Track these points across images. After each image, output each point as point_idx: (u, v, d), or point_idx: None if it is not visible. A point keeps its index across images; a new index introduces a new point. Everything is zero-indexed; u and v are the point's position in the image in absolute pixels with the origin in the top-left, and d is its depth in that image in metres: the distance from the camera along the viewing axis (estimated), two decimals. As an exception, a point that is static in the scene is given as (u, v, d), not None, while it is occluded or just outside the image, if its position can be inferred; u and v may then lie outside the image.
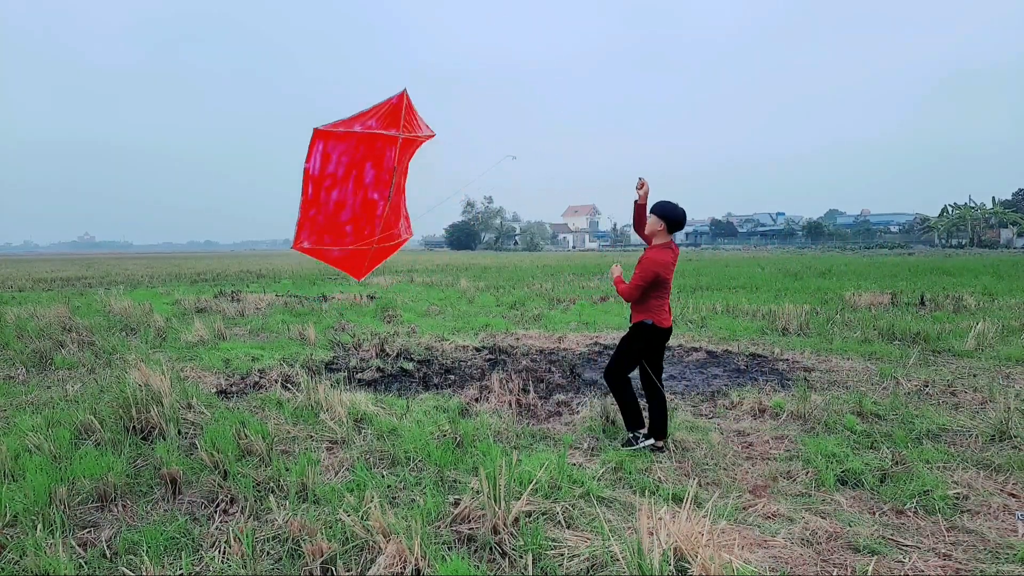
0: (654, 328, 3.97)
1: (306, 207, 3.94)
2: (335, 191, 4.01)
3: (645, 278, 3.87)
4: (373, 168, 4.09)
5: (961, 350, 7.21)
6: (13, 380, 6.20)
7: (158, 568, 2.64)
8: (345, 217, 4.19)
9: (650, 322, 3.96)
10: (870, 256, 40.45)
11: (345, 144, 3.87)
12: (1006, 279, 16.56)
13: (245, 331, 9.28)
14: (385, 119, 3.93)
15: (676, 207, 3.94)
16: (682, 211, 3.94)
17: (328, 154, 3.83)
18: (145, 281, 20.82)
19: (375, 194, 4.21)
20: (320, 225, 4.11)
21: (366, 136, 3.87)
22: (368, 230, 4.32)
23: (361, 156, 3.98)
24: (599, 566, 2.62)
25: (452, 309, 12.12)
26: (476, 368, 6.77)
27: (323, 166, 3.85)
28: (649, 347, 4.05)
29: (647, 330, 3.98)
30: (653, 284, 3.90)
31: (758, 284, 16.24)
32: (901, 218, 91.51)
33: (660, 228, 3.94)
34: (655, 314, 3.96)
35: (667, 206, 3.94)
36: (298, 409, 4.88)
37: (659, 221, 3.93)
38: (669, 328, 4.04)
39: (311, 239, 4.13)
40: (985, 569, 2.64)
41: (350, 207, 4.15)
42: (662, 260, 3.88)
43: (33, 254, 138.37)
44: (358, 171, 4.03)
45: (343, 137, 3.82)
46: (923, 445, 4.08)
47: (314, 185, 3.90)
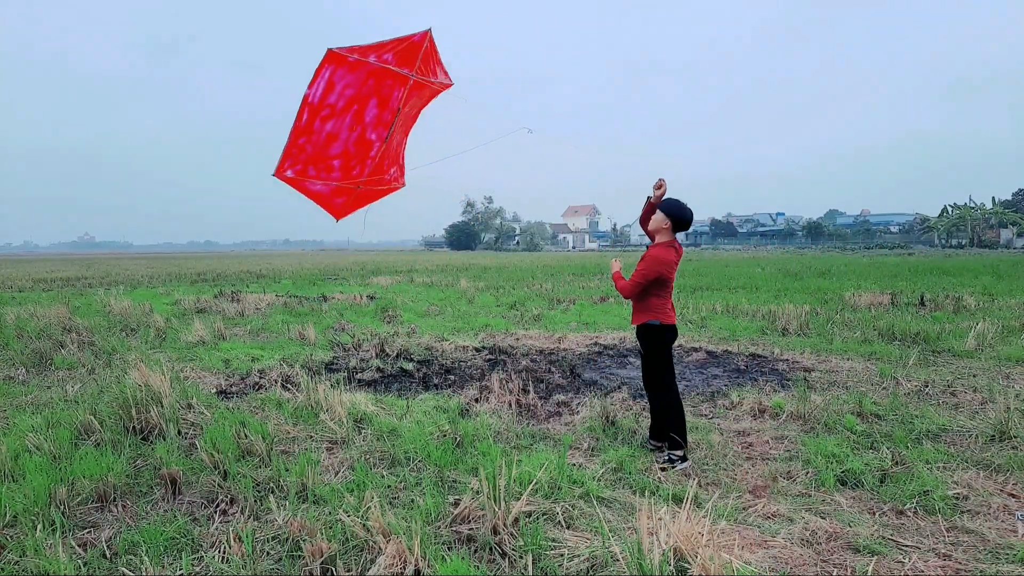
0: (662, 327, 3.89)
1: (296, 134, 3.68)
2: (330, 122, 3.77)
3: (647, 276, 3.82)
4: (377, 106, 3.87)
5: (961, 350, 7.20)
6: (13, 380, 6.20)
7: (158, 568, 2.64)
8: (335, 151, 3.95)
9: (656, 322, 3.89)
10: (870, 256, 40.45)
11: (354, 75, 3.63)
12: (1006, 279, 16.56)
13: (245, 331, 9.28)
14: (402, 56, 3.70)
15: (684, 207, 3.87)
16: (690, 212, 3.88)
17: (333, 83, 3.60)
18: (145, 281, 20.82)
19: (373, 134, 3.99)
20: (307, 155, 3.86)
21: (377, 70, 3.65)
22: (357, 169, 4.08)
23: (367, 91, 3.75)
24: (599, 566, 2.62)
25: (452, 309, 12.12)
26: (476, 368, 6.77)
27: (325, 95, 3.62)
28: (667, 345, 3.95)
29: (656, 330, 3.91)
30: (655, 283, 3.85)
31: (758, 284, 16.24)
32: (901, 218, 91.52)
33: (665, 226, 3.88)
34: (658, 313, 3.89)
35: (675, 205, 3.87)
36: (298, 409, 4.88)
37: (665, 219, 3.87)
38: (675, 326, 3.98)
39: (295, 168, 3.86)
40: (985, 569, 2.64)
41: (343, 141, 3.91)
42: (665, 258, 3.83)
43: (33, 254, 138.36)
44: (360, 106, 3.81)
45: (354, 67, 3.58)
46: (923, 445, 4.08)
47: (310, 113, 3.65)
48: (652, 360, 3.98)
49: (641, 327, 3.97)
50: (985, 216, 66.11)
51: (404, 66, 3.75)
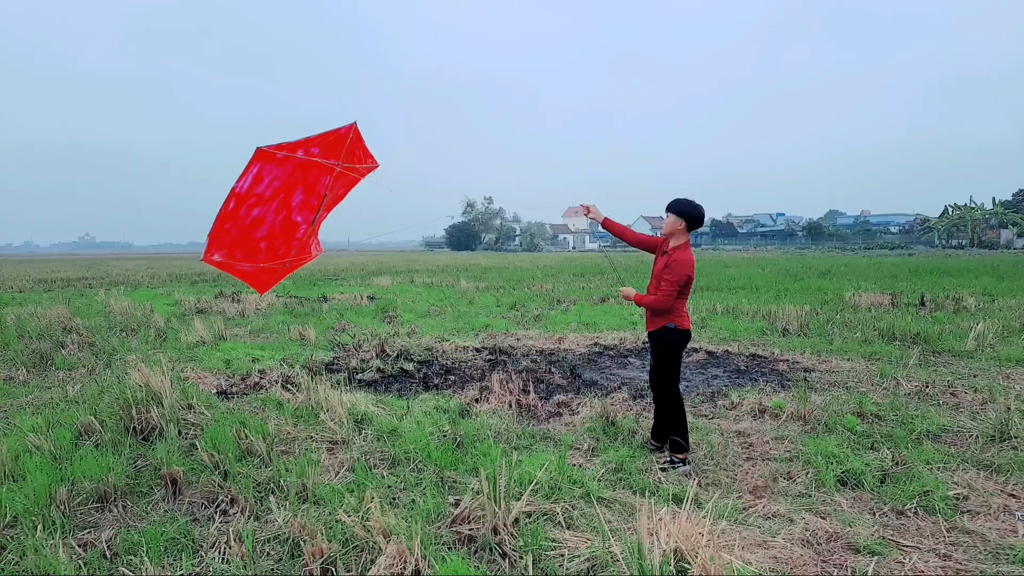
0: (678, 331, 3.80)
1: (221, 220, 3.75)
2: (256, 208, 3.85)
3: (679, 281, 3.69)
4: (303, 193, 3.97)
5: (961, 351, 7.20)
6: (13, 380, 6.20)
7: (158, 569, 2.64)
8: (261, 234, 4.03)
9: (672, 326, 3.79)
10: (870, 257, 40.45)
11: (282, 169, 3.74)
12: (1006, 279, 16.56)
13: (245, 332, 9.29)
14: (329, 148, 3.82)
15: (696, 205, 3.77)
16: (702, 209, 3.78)
17: (261, 176, 3.69)
18: (145, 282, 20.82)
19: (299, 216, 4.08)
20: (233, 239, 3.94)
21: (304, 163, 3.76)
22: (283, 250, 4.17)
23: (294, 181, 3.85)
24: (599, 566, 2.62)
25: (452, 310, 12.12)
26: (476, 369, 6.76)
27: (252, 186, 3.71)
28: (680, 350, 3.88)
29: (672, 334, 3.81)
30: (684, 287, 3.75)
31: (758, 285, 16.23)
32: (901, 219, 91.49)
33: (680, 227, 3.77)
34: (675, 317, 3.79)
35: (688, 204, 3.76)
36: (298, 410, 4.88)
37: (679, 220, 3.76)
38: (690, 331, 3.89)
39: (221, 252, 3.94)
40: (985, 570, 2.64)
41: (268, 224, 3.99)
42: (690, 260, 3.72)
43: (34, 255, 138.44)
44: (287, 194, 3.90)
45: (282, 162, 3.70)
46: (923, 446, 4.08)
47: (236, 202, 3.72)
48: (662, 364, 3.91)
49: (656, 332, 3.87)
50: (985, 216, 66.07)
51: (331, 157, 3.86)
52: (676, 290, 3.71)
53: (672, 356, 3.88)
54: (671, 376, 3.91)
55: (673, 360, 3.89)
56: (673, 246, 3.83)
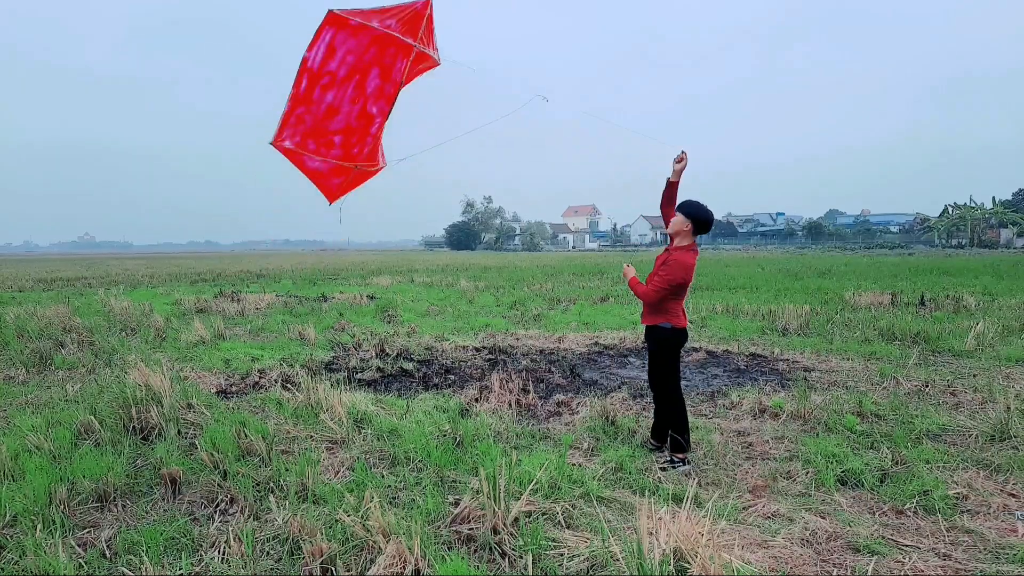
0: (674, 331, 3.81)
1: (294, 102, 3.43)
2: (331, 92, 3.51)
3: (672, 281, 3.70)
4: (380, 77, 3.57)
5: (961, 350, 7.20)
6: (13, 380, 6.20)
7: (158, 568, 2.64)
8: (336, 126, 3.67)
9: (668, 325, 3.79)
10: (870, 256, 40.45)
11: (356, 40, 3.39)
12: (1006, 279, 16.56)
13: (245, 331, 9.28)
14: (406, 23, 3.45)
15: (705, 208, 3.77)
16: (711, 213, 3.78)
17: (334, 48, 3.35)
18: (145, 281, 20.82)
19: (374, 107, 3.68)
20: (307, 127, 3.60)
21: (381, 36, 3.40)
22: (358, 147, 3.77)
23: (370, 59, 3.48)
24: (599, 566, 2.62)
25: (452, 309, 12.12)
26: (476, 368, 6.76)
27: (325, 60, 3.36)
28: (676, 349, 3.88)
29: (668, 334, 3.82)
30: (679, 287, 3.75)
31: (758, 284, 16.24)
32: (901, 218, 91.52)
33: (687, 228, 3.77)
34: (671, 316, 3.79)
35: (698, 207, 3.77)
36: (298, 409, 4.88)
37: (686, 221, 3.76)
38: (686, 329, 3.89)
39: (294, 139, 3.59)
40: (985, 569, 2.64)
41: (344, 115, 3.63)
42: (690, 263, 3.72)
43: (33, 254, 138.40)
44: (361, 76, 3.53)
45: (356, 30, 3.34)
46: (923, 445, 4.08)
47: (309, 80, 3.39)
48: (658, 363, 3.92)
49: (651, 328, 3.89)
50: (985, 216, 66.08)
51: (407, 35, 3.51)
52: (667, 289, 3.72)
53: (668, 355, 3.88)
54: (670, 375, 3.91)
55: (669, 359, 3.89)
56: (676, 245, 3.83)
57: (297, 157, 3.72)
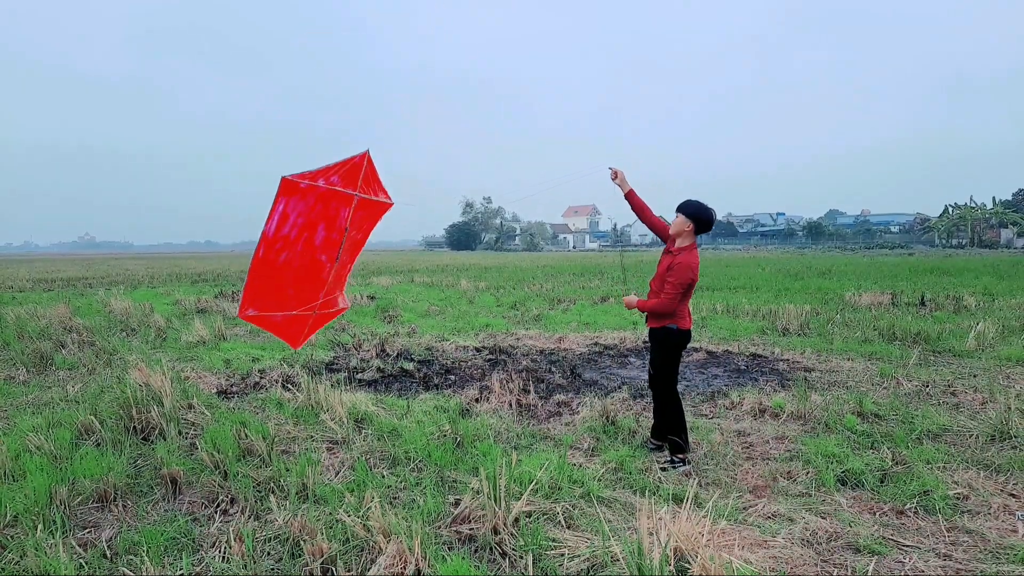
0: (679, 332, 3.79)
1: (254, 271, 3.77)
2: (284, 252, 3.86)
3: (683, 283, 3.67)
4: (325, 229, 3.97)
5: (961, 350, 7.20)
6: (13, 380, 6.20)
7: (158, 568, 2.64)
8: (290, 280, 4.03)
9: (674, 327, 3.77)
10: (870, 256, 40.45)
11: (304, 202, 3.75)
12: (1006, 279, 16.56)
13: (245, 331, 9.28)
14: (346, 176, 3.84)
15: (706, 207, 3.76)
16: (712, 212, 3.77)
17: (287, 215, 3.70)
18: (145, 281, 20.82)
19: (323, 256, 4.08)
20: (267, 290, 3.96)
21: (324, 193, 3.77)
22: (311, 294, 4.16)
23: (316, 215, 3.87)
24: (599, 566, 2.62)
25: (452, 309, 12.12)
26: (476, 368, 6.77)
27: (279, 227, 3.72)
28: (679, 350, 3.87)
29: (672, 335, 3.79)
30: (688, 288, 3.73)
31: (758, 284, 16.24)
32: (901, 218, 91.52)
33: (688, 229, 3.75)
34: (677, 318, 3.77)
35: (698, 206, 3.75)
36: (298, 409, 4.89)
37: (687, 221, 3.74)
38: (690, 331, 3.88)
39: (256, 305, 3.95)
40: (985, 569, 2.64)
41: (296, 270, 3.99)
42: (694, 263, 3.71)
43: (33, 254, 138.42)
44: (310, 233, 3.91)
45: (305, 193, 3.71)
46: (923, 445, 4.08)
47: (266, 247, 3.73)
48: (660, 363, 3.90)
49: (657, 330, 3.86)
50: (985, 216, 66.07)
51: (348, 186, 3.88)
52: (680, 293, 3.70)
53: (670, 356, 3.87)
54: (669, 376, 3.91)
55: (671, 360, 3.88)
56: (679, 247, 3.82)
57: (262, 320, 4.09)
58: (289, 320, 4.22)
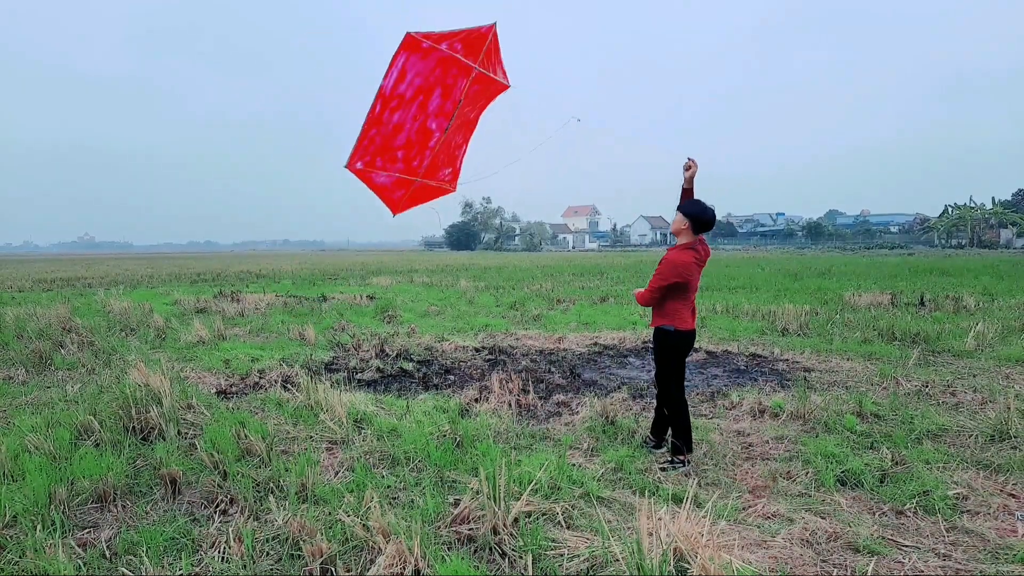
0: (677, 333, 3.78)
1: (369, 125, 3.70)
2: (398, 112, 3.80)
3: (663, 280, 3.70)
4: (440, 96, 3.88)
5: (961, 350, 7.21)
6: (13, 380, 6.20)
7: (158, 568, 2.64)
8: (400, 141, 3.97)
9: (671, 328, 3.77)
10: (870, 256, 40.45)
11: (424, 63, 3.66)
12: (1006, 279, 16.56)
13: (245, 331, 9.28)
14: (469, 46, 3.73)
15: (704, 206, 3.78)
16: (711, 211, 3.78)
17: (405, 72, 3.62)
18: (145, 281, 20.81)
19: (433, 123, 4.01)
20: (376, 146, 3.89)
21: (445, 58, 3.67)
22: (417, 160, 4.10)
23: (434, 80, 3.77)
24: (599, 566, 2.62)
25: (452, 309, 12.11)
26: (476, 368, 6.76)
27: (396, 84, 3.64)
28: (680, 352, 3.85)
29: (670, 336, 3.79)
30: (673, 287, 3.73)
31: (758, 284, 16.24)
32: (901, 218, 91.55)
33: (684, 227, 3.78)
34: (673, 318, 3.77)
35: (695, 206, 3.79)
36: (298, 409, 4.88)
37: (684, 220, 3.78)
38: (692, 331, 3.85)
39: (364, 159, 3.88)
40: (985, 569, 2.64)
41: (407, 131, 3.93)
42: (682, 261, 3.71)
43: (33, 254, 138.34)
44: (425, 96, 3.83)
45: (426, 53, 3.61)
46: (923, 445, 4.08)
47: (382, 103, 3.67)
48: (661, 365, 3.90)
49: (656, 330, 3.88)
50: (985, 216, 66.08)
51: (469, 56, 3.77)
52: (661, 287, 3.72)
53: (670, 357, 3.86)
54: (672, 378, 3.89)
55: (671, 361, 3.87)
56: (676, 244, 3.86)
57: (366, 176, 4.04)
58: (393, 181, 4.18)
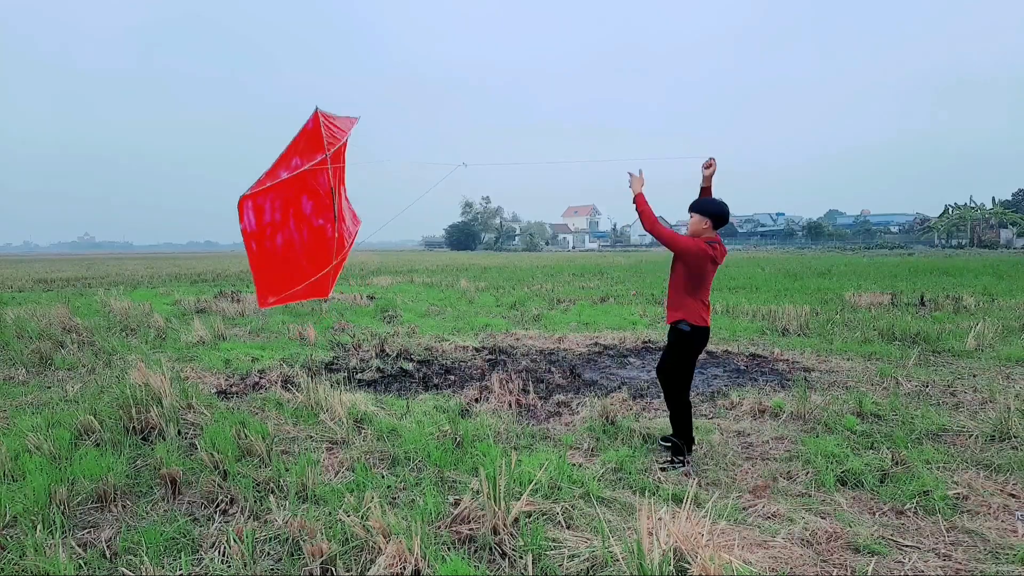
0: (694, 329, 3.75)
1: (256, 266, 3.72)
2: (278, 235, 3.79)
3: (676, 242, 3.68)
4: (310, 199, 3.89)
5: (961, 350, 7.21)
6: (13, 380, 6.20)
7: (158, 568, 2.64)
8: (299, 254, 3.97)
9: (687, 325, 3.75)
10: (870, 256, 40.45)
11: (275, 193, 3.67)
12: (1006, 279, 16.56)
13: (245, 331, 9.28)
14: (308, 149, 3.73)
15: (719, 202, 3.77)
16: (726, 206, 3.76)
17: (260, 207, 3.62)
18: (145, 281, 20.81)
19: (320, 220, 4.01)
20: (278, 274, 3.89)
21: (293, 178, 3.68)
22: (325, 255, 4.10)
23: (294, 193, 3.77)
24: (599, 566, 2.62)
25: (452, 309, 12.12)
26: (476, 368, 6.76)
27: (258, 220, 3.64)
28: (693, 352, 3.82)
29: (686, 334, 3.77)
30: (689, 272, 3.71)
31: (758, 284, 16.23)
32: (901, 218, 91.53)
33: (705, 226, 3.74)
34: (689, 314, 3.75)
35: (709, 202, 3.77)
36: (298, 409, 4.88)
37: (703, 219, 3.74)
38: (706, 328, 3.80)
39: (274, 291, 3.90)
40: (985, 569, 2.64)
41: (298, 243, 3.93)
42: (701, 247, 3.68)
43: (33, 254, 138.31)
44: (295, 208, 3.82)
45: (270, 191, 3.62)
46: (923, 445, 4.08)
47: (256, 241, 3.66)
48: (669, 361, 3.88)
49: (671, 325, 3.85)
50: (985, 216, 66.07)
51: (315, 154, 3.76)
52: (674, 237, 3.71)
53: (679, 354, 3.84)
54: (678, 376, 3.88)
55: (680, 359, 3.85)
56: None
57: (285, 300, 4.06)
58: (313, 284, 4.18)
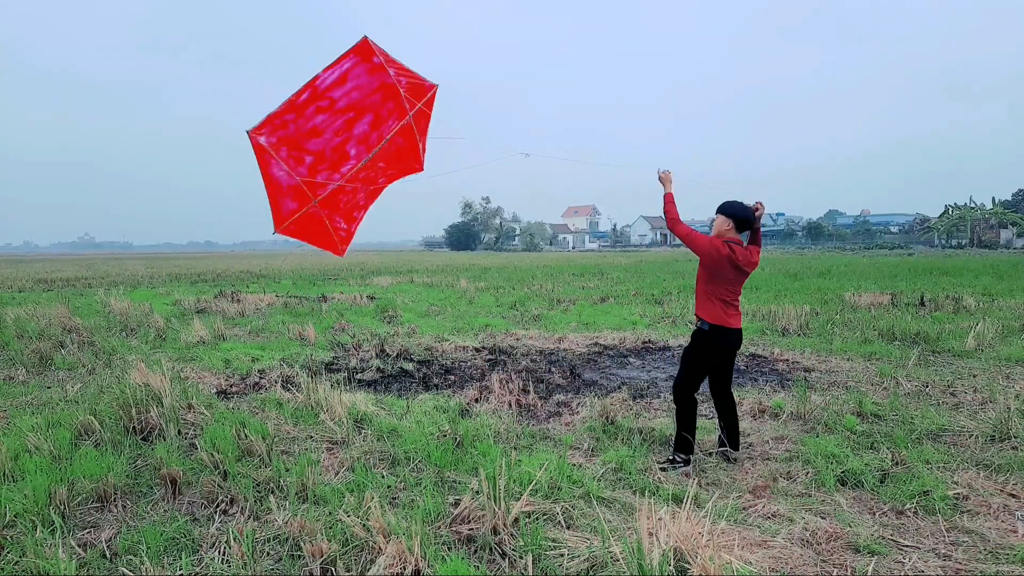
0: (713, 329, 3.73)
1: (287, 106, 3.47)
2: (323, 115, 3.57)
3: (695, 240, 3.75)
4: (369, 124, 3.69)
5: (961, 350, 7.20)
6: (13, 380, 6.20)
7: (158, 568, 2.64)
8: (313, 147, 3.70)
9: (706, 324, 3.75)
10: (870, 256, 40.44)
11: (368, 79, 3.46)
12: (1006, 279, 16.55)
13: (245, 331, 9.28)
14: (412, 89, 3.62)
15: (743, 205, 3.80)
16: (749, 209, 3.81)
17: (346, 77, 3.42)
18: (145, 281, 20.81)
19: (353, 148, 3.78)
20: (288, 133, 3.62)
21: (389, 86, 3.49)
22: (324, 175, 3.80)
23: (370, 103, 3.58)
24: (599, 566, 2.62)
25: (452, 309, 12.12)
26: (476, 368, 6.76)
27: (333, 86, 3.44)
28: (710, 352, 3.81)
29: (704, 333, 3.76)
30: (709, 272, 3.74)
31: (758, 284, 16.22)
32: (901, 218, 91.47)
33: (728, 227, 3.78)
34: (709, 313, 3.75)
35: (734, 205, 3.80)
36: (298, 409, 4.88)
37: (727, 220, 3.78)
38: (736, 330, 3.78)
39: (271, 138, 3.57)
40: (985, 569, 2.64)
41: (323, 141, 3.69)
42: (714, 244, 3.71)
43: (33, 254, 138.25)
44: (356, 114, 3.63)
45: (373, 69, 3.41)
46: (923, 445, 4.08)
47: (311, 95, 3.44)
48: (688, 365, 3.86)
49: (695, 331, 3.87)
50: (985, 216, 66.05)
51: (411, 95, 3.66)
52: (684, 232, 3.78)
53: (694, 348, 3.84)
54: (688, 370, 3.86)
55: (695, 353, 3.84)
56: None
57: (266, 157, 3.69)
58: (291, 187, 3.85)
